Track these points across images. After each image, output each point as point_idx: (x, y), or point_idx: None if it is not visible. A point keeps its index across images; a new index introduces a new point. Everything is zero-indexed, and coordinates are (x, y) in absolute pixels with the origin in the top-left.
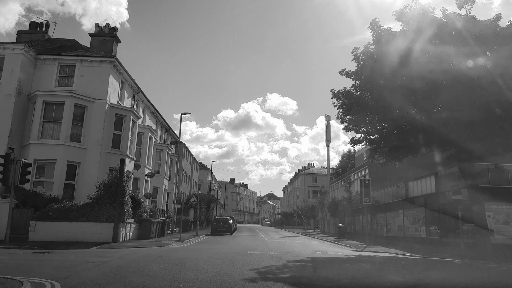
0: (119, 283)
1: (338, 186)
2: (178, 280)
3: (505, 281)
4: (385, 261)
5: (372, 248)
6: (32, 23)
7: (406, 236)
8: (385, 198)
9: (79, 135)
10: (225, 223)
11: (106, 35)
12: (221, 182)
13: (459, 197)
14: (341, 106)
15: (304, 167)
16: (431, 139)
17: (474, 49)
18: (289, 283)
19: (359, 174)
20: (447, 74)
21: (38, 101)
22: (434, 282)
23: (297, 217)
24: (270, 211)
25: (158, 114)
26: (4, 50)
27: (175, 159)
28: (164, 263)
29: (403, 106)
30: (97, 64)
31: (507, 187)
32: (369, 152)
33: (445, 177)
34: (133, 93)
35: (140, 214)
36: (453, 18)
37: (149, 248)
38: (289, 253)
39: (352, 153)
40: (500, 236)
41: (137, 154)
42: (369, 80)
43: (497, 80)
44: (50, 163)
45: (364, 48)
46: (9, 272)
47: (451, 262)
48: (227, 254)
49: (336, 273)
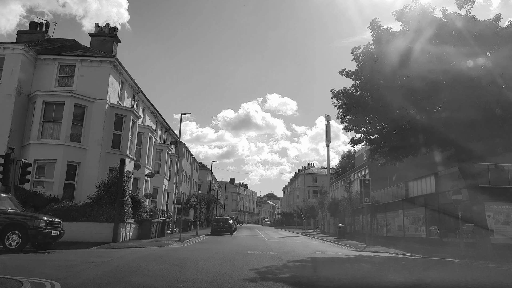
0: (119, 283)
1: (338, 186)
2: (178, 280)
3: (505, 281)
4: (385, 261)
5: (372, 248)
6: (32, 23)
7: (406, 236)
8: (385, 198)
9: (79, 135)
10: (225, 223)
11: (106, 35)
12: (221, 182)
13: (459, 197)
14: (341, 106)
15: (304, 167)
16: (431, 139)
17: (474, 49)
18: (289, 283)
19: (359, 174)
20: (447, 74)
21: (38, 101)
22: (434, 282)
23: (297, 217)
24: (270, 211)
25: (158, 114)
26: (4, 50)
27: (175, 159)
28: (164, 263)
29: (403, 106)
30: (97, 64)
31: (507, 187)
32: (369, 152)
33: (445, 177)
34: (133, 93)
35: (140, 214)
36: (453, 18)
37: (149, 248)
38: (289, 253)
39: (352, 153)
40: (500, 236)
41: (137, 154)
42: (369, 80)
43: (497, 80)
44: (50, 163)
45: (364, 48)
46: (9, 272)
47: (451, 262)
48: (227, 254)
49: (336, 273)
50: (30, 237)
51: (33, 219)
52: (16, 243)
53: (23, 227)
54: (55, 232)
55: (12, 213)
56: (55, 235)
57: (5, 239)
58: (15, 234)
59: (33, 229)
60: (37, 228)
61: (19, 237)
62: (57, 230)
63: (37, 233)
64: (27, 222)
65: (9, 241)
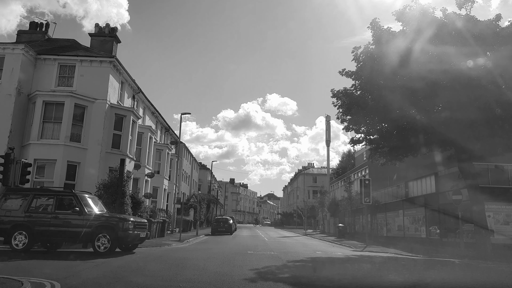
0: (119, 283)
1: (338, 186)
2: (178, 280)
3: (505, 281)
4: (385, 261)
5: (372, 248)
6: (32, 23)
7: (406, 236)
8: (385, 198)
9: (79, 135)
10: (225, 223)
11: (106, 35)
12: (221, 182)
13: (459, 197)
14: (341, 106)
15: (304, 167)
16: (431, 139)
17: (474, 49)
18: (289, 283)
19: (359, 174)
20: (447, 74)
21: (38, 101)
22: (434, 282)
23: (297, 217)
24: (270, 211)
25: (158, 114)
26: (4, 50)
27: (175, 159)
28: (164, 263)
29: (403, 106)
30: (97, 64)
31: (507, 187)
32: (369, 152)
33: (445, 177)
34: (133, 93)
35: (140, 214)
36: (453, 18)
37: (149, 248)
38: (289, 253)
39: (352, 153)
40: (500, 236)
41: (137, 154)
42: (369, 80)
43: (497, 80)
44: (50, 163)
45: (364, 48)
46: (9, 272)
47: (451, 262)
48: (227, 254)
49: (336, 273)
50: (120, 240)
51: (122, 221)
52: (105, 247)
53: (112, 229)
54: (143, 234)
55: (100, 215)
56: (143, 237)
57: (95, 241)
58: (104, 237)
59: (123, 231)
60: (126, 230)
61: (108, 241)
62: (144, 231)
63: (126, 235)
64: (117, 224)
65: (98, 243)
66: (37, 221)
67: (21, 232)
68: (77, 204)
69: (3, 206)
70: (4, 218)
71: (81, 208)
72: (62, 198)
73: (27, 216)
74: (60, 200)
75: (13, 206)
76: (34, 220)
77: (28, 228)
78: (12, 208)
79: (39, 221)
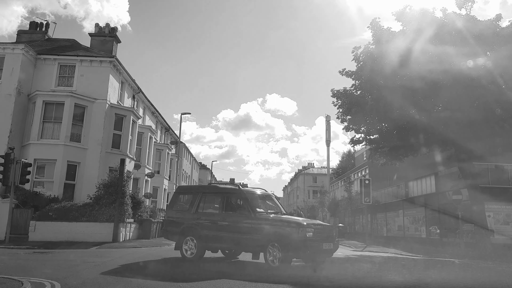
0: (119, 283)
1: (338, 186)
2: (178, 280)
3: (505, 281)
4: (385, 261)
5: (372, 248)
6: (32, 23)
7: (406, 236)
8: (385, 198)
9: (79, 135)
10: None
11: (106, 35)
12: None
13: (459, 197)
14: (341, 106)
15: (304, 167)
16: (431, 139)
17: (474, 49)
18: (289, 283)
19: (359, 174)
20: (447, 74)
21: (38, 101)
22: (434, 282)
23: None
24: None
25: (158, 114)
26: (4, 50)
27: (175, 159)
28: (164, 263)
29: (403, 106)
30: (97, 64)
31: (507, 187)
32: (369, 152)
33: (445, 177)
34: (133, 93)
35: (140, 214)
36: (453, 18)
37: (149, 248)
38: None
39: (352, 153)
40: (500, 236)
41: (137, 154)
42: (369, 80)
43: (497, 80)
44: (50, 163)
45: (364, 48)
46: (9, 272)
47: (451, 262)
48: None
49: (336, 273)
50: (294, 251)
51: (298, 227)
52: (278, 260)
53: (284, 237)
54: (327, 245)
55: (272, 219)
56: (327, 249)
57: (266, 253)
58: (274, 247)
59: (299, 241)
60: (303, 239)
61: (278, 251)
62: (329, 242)
63: (303, 245)
64: (292, 231)
65: (271, 256)
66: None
67: (192, 239)
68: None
69: (173, 207)
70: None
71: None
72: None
73: (196, 219)
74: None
75: (183, 206)
76: (202, 223)
77: (197, 232)
78: (182, 209)
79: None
